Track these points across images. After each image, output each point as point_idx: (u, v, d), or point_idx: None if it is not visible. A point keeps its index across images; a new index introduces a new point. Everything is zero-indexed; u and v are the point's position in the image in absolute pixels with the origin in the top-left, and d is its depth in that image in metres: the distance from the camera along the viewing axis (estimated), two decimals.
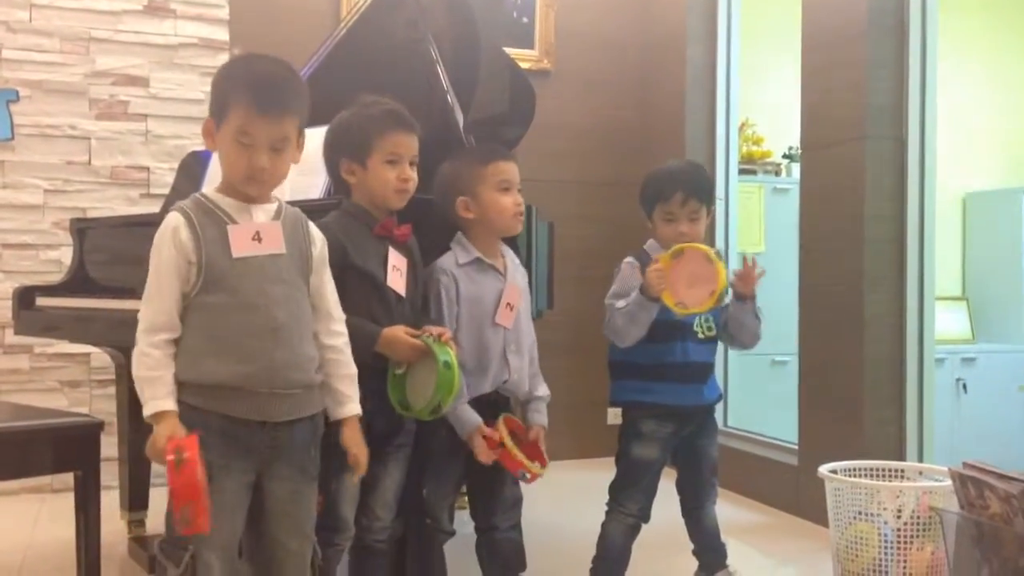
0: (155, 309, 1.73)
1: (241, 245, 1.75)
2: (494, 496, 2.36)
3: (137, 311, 1.77)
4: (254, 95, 1.75)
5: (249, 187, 1.79)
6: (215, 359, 1.73)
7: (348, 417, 1.90)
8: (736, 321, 2.49)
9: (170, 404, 1.69)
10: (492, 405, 2.32)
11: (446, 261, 2.27)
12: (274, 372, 1.76)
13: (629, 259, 2.52)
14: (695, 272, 2.32)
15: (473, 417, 2.22)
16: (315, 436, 1.87)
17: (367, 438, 2.09)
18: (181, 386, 1.75)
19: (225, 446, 1.74)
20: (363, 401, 2.04)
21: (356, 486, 2.09)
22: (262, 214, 1.81)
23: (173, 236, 1.73)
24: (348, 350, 1.92)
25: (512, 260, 2.38)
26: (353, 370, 1.92)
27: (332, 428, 1.93)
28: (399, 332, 2.05)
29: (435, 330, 2.06)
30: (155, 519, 3.07)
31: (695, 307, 2.34)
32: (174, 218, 1.76)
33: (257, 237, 1.77)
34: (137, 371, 1.71)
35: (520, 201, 2.30)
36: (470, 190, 2.27)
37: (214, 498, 1.72)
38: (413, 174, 2.12)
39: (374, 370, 2.07)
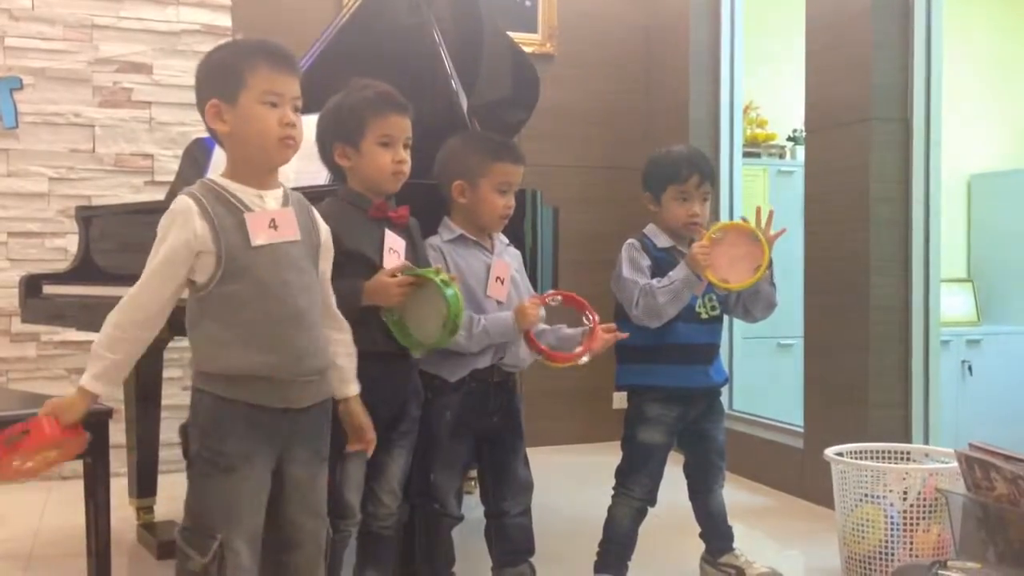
0: (146, 300, 1.73)
1: (259, 233, 1.74)
2: (506, 481, 2.38)
3: None
4: (273, 56, 1.77)
5: (282, 151, 1.78)
6: (241, 350, 1.73)
7: (354, 395, 1.95)
8: (751, 290, 2.50)
9: (99, 387, 1.74)
10: (497, 388, 2.33)
11: (432, 239, 2.31)
12: (298, 360, 1.77)
13: (631, 241, 2.54)
14: (734, 250, 2.38)
15: (506, 313, 2.24)
16: (328, 418, 1.89)
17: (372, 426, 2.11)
18: (207, 377, 1.76)
19: (250, 434, 1.75)
20: (365, 389, 2.05)
21: (361, 472, 2.11)
22: (272, 200, 1.80)
23: (184, 222, 1.71)
24: (350, 331, 1.95)
25: (501, 241, 2.39)
26: (355, 349, 1.95)
27: (336, 414, 1.95)
28: (382, 276, 2.03)
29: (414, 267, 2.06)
30: (163, 506, 3.09)
31: (738, 283, 2.39)
32: (185, 203, 1.73)
33: (273, 224, 1.76)
34: (99, 342, 1.74)
35: (511, 204, 2.31)
36: (470, 179, 2.28)
37: (240, 486, 1.75)
38: (407, 156, 2.12)
39: (375, 357, 2.07)
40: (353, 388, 1.95)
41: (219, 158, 3.05)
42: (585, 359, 2.30)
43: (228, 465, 1.74)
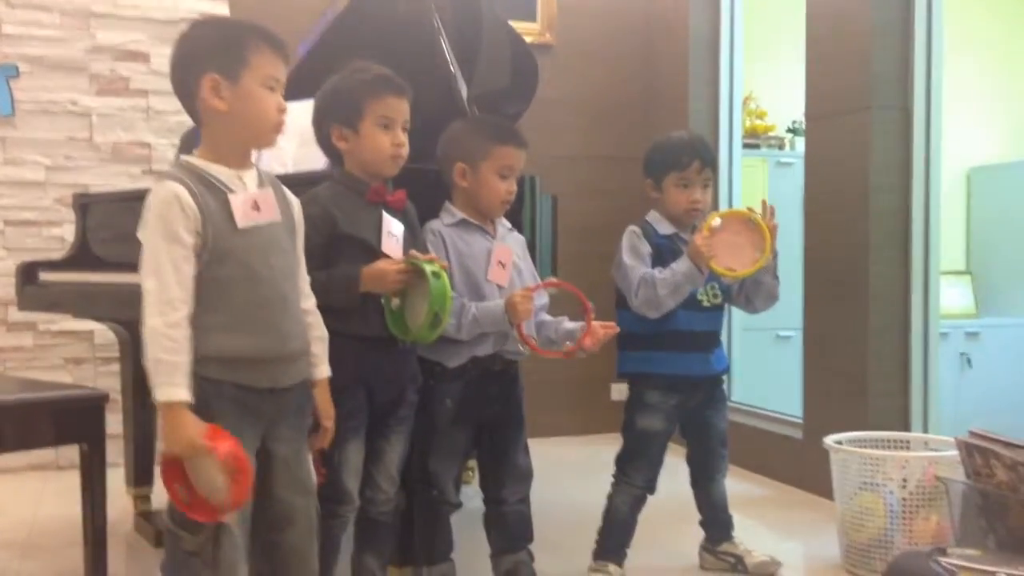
0: (168, 282, 1.66)
1: (244, 215, 1.73)
2: (505, 468, 2.38)
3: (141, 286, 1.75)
4: (274, 41, 1.77)
5: (273, 136, 1.79)
6: (228, 333, 1.72)
7: (321, 379, 1.91)
8: (752, 280, 2.49)
9: (187, 394, 1.65)
10: (499, 376, 2.32)
11: (433, 223, 2.30)
12: (283, 341, 1.78)
13: (633, 228, 2.54)
14: (736, 238, 2.38)
15: (497, 303, 2.22)
16: (309, 397, 1.89)
17: (369, 411, 2.10)
18: (193, 360, 1.72)
19: (238, 415, 1.74)
20: (364, 374, 2.05)
21: (359, 457, 2.10)
22: (250, 181, 1.79)
23: (178, 204, 1.68)
24: (318, 312, 1.92)
25: (503, 225, 2.39)
26: (324, 332, 1.92)
27: (334, 399, 1.95)
28: (381, 262, 2.03)
29: (418, 255, 2.04)
30: (161, 494, 3.07)
31: (743, 270, 2.39)
32: (173, 187, 1.69)
33: (255, 206, 1.75)
34: (155, 352, 1.64)
35: (513, 190, 2.31)
36: (472, 161, 2.27)
37: None
38: (405, 139, 2.10)
39: (373, 342, 2.07)
40: (319, 371, 1.91)
41: None
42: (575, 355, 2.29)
43: None
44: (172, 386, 1.64)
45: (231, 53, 1.74)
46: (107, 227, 3.07)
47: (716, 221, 2.39)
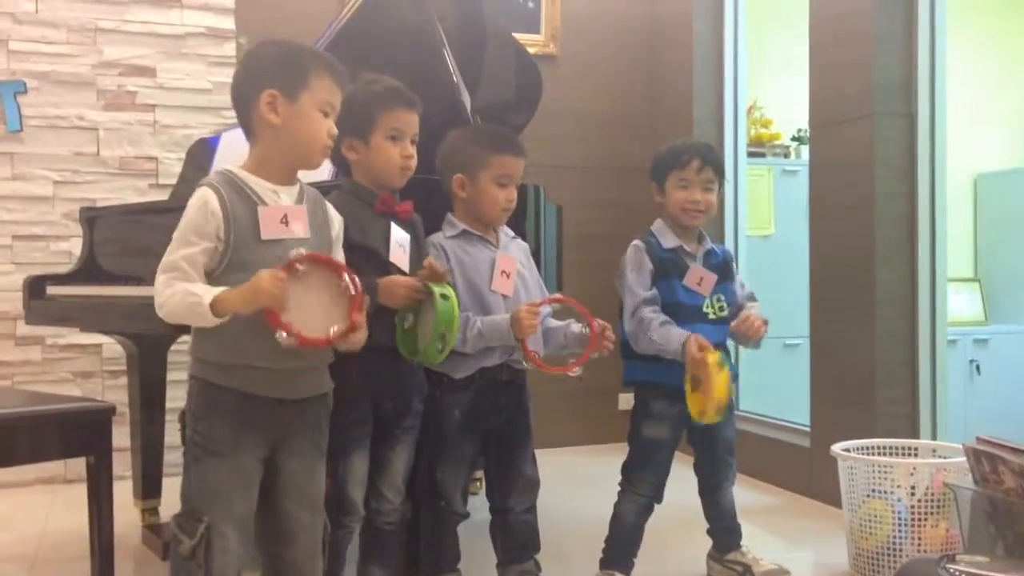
0: (177, 277, 1.72)
1: (270, 228, 1.77)
2: (512, 478, 2.37)
3: (148, 298, 1.77)
4: (335, 69, 1.84)
5: (319, 159, 1.85)
6: (237, 340, 1.74)
7: None
8: (741, 335, 2.54)
9: (218, 289, 1.69)
10: (507, 386, 2.32)
11: (435, 236, 2.30)
12: (295, 354, 1.77)
13: (636, 242, 2.53)
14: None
15: (503, 317, 2.21)
16: (327, 412, 1.90)
17: (375, 421, 2.11)
18: (202, 363, 1.77)
19: (239, 422, 1.76)
20: (369, 384, 2.06)
21: (364, 468, 2.11)
22: (286, 197, 1.83)
23: (206, 209, 1.73)
24: None
25: (506, 234, 2.39)
26: None
27: (339, 409, 1.95)
28: (395, 277, 2.05)
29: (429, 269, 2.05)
30: (169, 508, 3.07)
31: (699, 413, 2.34)
32: (204, 193, 1.76)
33: (284, 220, 1.79)
34: (183, 308, 1.69)
35: (513, 198, 2.31)
36: (470, 171, 2.28)
37: (227, 472, 1.76)
38: (414, 151, 2.12)
39: (379, 352, 2.06)
40: None
41: (222, 158, 3.06)
42: (577, 371, 2.28)
43: (216, 450, 1.76)
44: (207, 294, 1.68)
45: (293, 73, 1.80)
46: (114, 241, 3.09)
47: (721, 365, 2.33)
